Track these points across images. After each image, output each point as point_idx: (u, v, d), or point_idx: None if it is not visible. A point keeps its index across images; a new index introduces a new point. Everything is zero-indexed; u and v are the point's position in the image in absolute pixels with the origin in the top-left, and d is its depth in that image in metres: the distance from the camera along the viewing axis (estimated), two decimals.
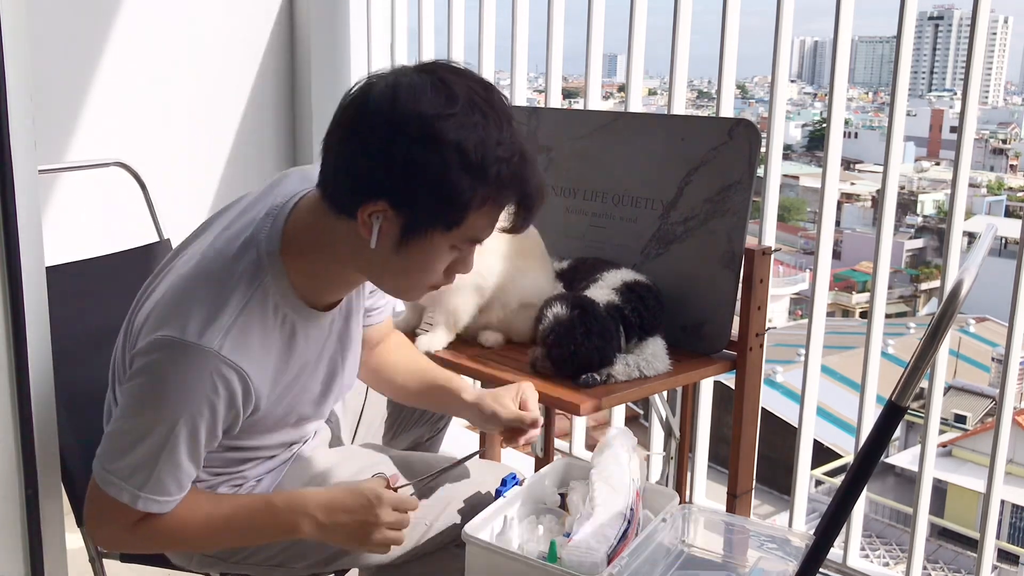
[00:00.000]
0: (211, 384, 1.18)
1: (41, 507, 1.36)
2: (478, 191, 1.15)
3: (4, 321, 1.28)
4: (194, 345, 1.17)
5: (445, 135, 1.12)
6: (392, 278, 1.26)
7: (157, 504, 1.23)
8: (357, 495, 1.28)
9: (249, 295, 1.22)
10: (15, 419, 1.31)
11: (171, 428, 1.19)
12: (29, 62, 1.27)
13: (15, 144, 1.24)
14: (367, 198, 1.15)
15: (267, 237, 1.25)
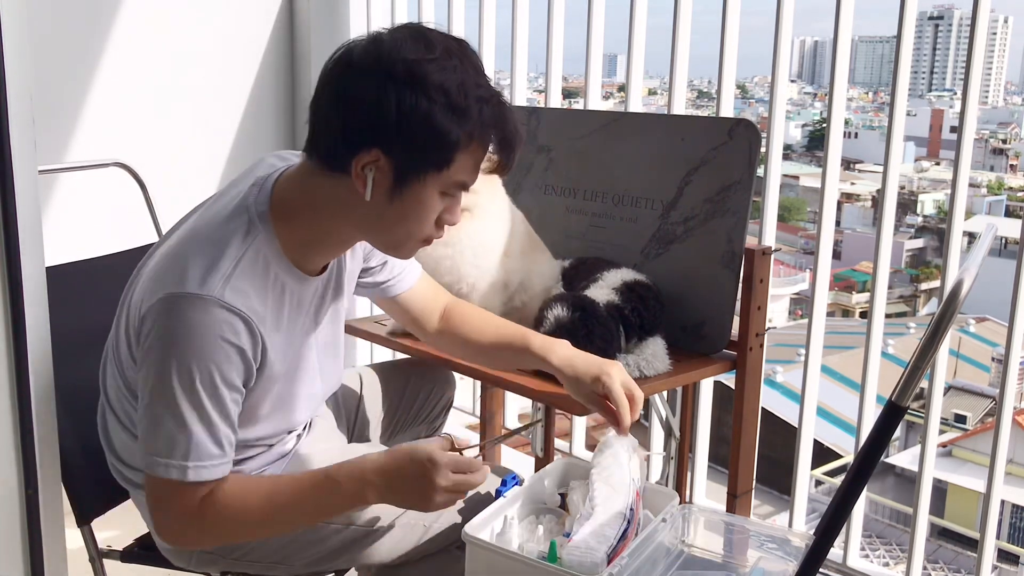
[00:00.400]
0: (219, 330, 1.20)
1: (41, 507, 1.36)
2: (464, 130, 1.21)
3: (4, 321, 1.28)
4: (195, 295, 1.20)
5: (429, 77, 1.18)
6: (386, 231, 1.29)
7: (206, 469, 1.23)
8: (413, 461, 1.28)
9: (243, 250, 1.25)
10: (15, 419, 1.31)
11: (191, 385, 1.20)
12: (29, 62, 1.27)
13: (15, 144, 1.24)
14: (360, 148, 1.20)
15: (255, 201, 1.29)
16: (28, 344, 1.29)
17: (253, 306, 1.24)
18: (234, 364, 1.23)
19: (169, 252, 1.28)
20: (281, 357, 1.33)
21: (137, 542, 1.62)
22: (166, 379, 1.20)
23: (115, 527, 1.67)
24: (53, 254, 1.42)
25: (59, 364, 1.37)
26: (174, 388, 1.20)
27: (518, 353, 1.56)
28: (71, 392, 1.50)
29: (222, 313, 1.20)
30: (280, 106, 2.94)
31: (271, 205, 1.29)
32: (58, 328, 1.36)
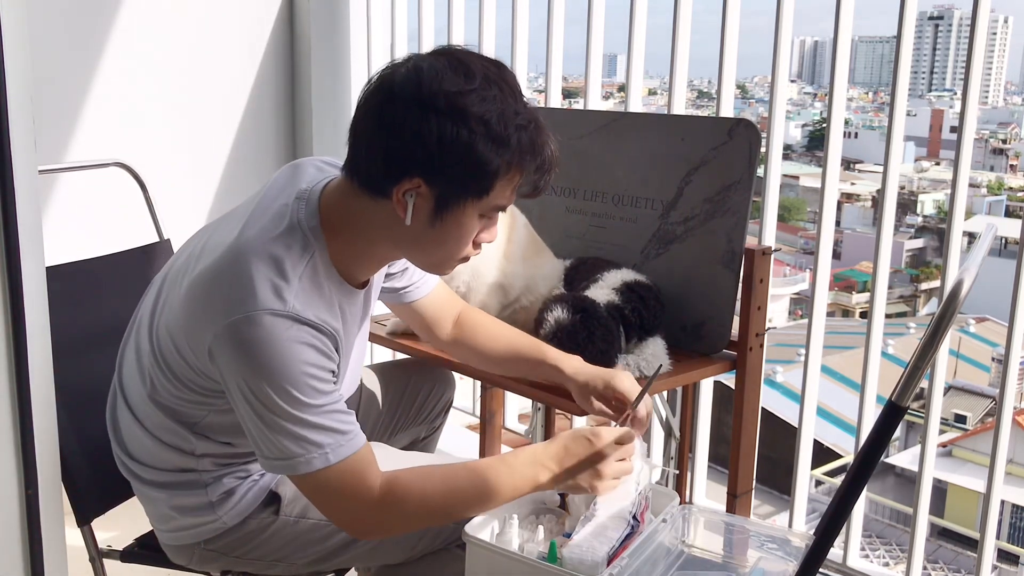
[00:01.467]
0: (298, 338, 1.22)
1: (41, 507, 1.36)
2: (503, 159, 1.24)
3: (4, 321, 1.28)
4: (270, 311, 1.21)
5: (470, 109, 1.21)
6: (426, 252, 1.33)
7: (345, 444, 1.25)
8: (579, 440, 1.35)
9: (303, 267, 1.27)
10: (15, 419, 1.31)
11: (289, 394, 1.21)
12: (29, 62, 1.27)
13: (15, 144, 1.24)
14: (401, 176, 1.23)
15: (306, 216, 1.30)
16: (28, 344, 1.29)
17: (321, 315, 1.26)
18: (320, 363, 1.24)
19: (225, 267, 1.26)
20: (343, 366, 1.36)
21: (137, 542, 1.62)
22: (266, 397, 1.21)
23: (115, 527, 1.67)
24: (53, 254, 1.42)
25: (59, 364, 1.37)
26: (277, 404, 1.21)
27: (532, 364, 1.61)
28: (71, 392, 1.50)
29: (298, 325, 1.22)
30: (280, 106, 2.94)
31: (320, 221, 1.31)
32: (58, 328, 1.36)
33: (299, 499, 1.47)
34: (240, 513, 1.44)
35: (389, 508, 1.29)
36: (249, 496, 1.45)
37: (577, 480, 1.36)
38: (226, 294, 1.23)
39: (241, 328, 1.21)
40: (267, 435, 1.24)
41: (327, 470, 1.24)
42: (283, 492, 1.46)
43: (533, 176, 1.31)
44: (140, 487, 1.48)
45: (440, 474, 1.33)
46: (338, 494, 1.27)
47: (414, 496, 1.30)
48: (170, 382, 1.35)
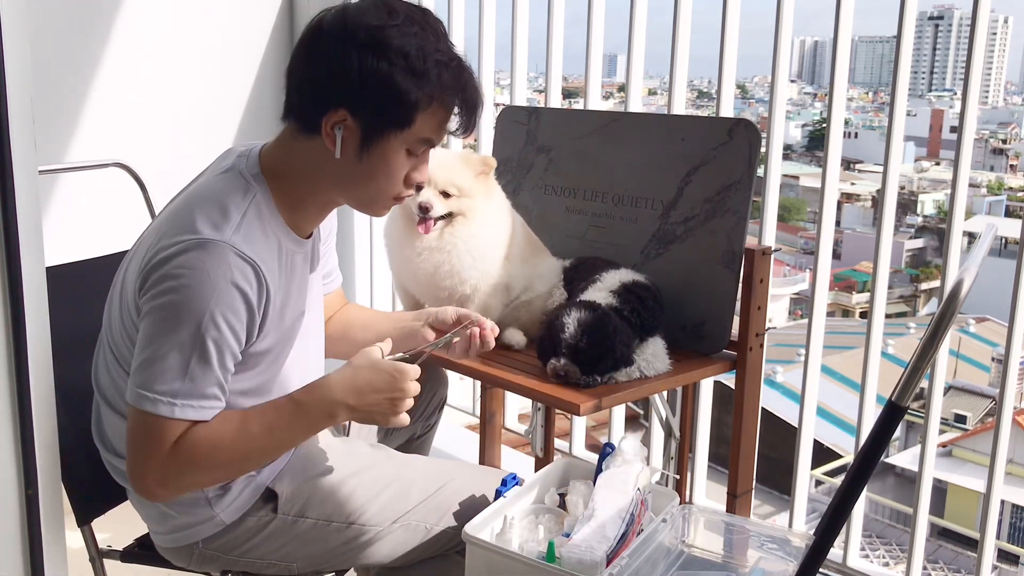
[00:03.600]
0: (230, 273, 1.25)
1: (41, 507, 1.36)
2: (423, 91, 1.30)
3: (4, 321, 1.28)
4: (210, 240, 1.25)
5: (390, 42, 1.28)
6: (359, 188, 1.38)
7: (193, 409, 1.27)
8: (381, 372, 1.33)
9: (246, 205, 1.32)
10: (15, 419, 1.31)
11: (199, 324, 1.24)
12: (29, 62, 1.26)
13: (15, 144, 1.24)
14: (328, 107, 1.30)
15: (247, 166, 1.37)
16: (28, 344, 1.29)
17: (261, 256, 1.30)
18: (240, 312, 1.28)
19: (170, 216, 1.33)
20: (281, 314, 1.37)
21: (137, 542, 1.62)
22: (174, 318, 1.24)
23: (115, 527, 1.67)
24: (53, 254, 1.42)
25: (59, 364, 1.37)
26: (183, 327, 1.24)
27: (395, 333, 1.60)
28: (71, 392, 1.50)
29: (234, 259, 1.26)
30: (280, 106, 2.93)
31: (261, 169, 1.37)
32: (58, 328, 1.36)
33: (297, 497, 1.47)
34: (238, 510, 1.44)
35: (178, 463, 1.28)
36: (246, 492, 1.45)
37: (373, 415, 1.34)
38: (170, 230, 1.28)
39: (177, 254, 1.25)
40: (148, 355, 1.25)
41: (160, 421, 1.26)
42: (280, 490, 1.46)
43: (458, 113, 1.36)
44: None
45: (236, 425, 1.32)
46: (150, 442, 1.27)
47: (203, 446, 1.29)
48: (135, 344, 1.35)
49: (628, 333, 1.65)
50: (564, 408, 1.65)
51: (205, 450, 1.29)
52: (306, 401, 1.33)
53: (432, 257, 1.75)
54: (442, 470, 1.59)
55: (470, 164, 1.78)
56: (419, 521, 1.51)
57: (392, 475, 1.54)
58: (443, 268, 1.76)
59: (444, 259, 1.75)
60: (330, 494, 1.48)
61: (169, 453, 1.28)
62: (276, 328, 1.37)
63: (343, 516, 1.48)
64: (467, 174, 1.75)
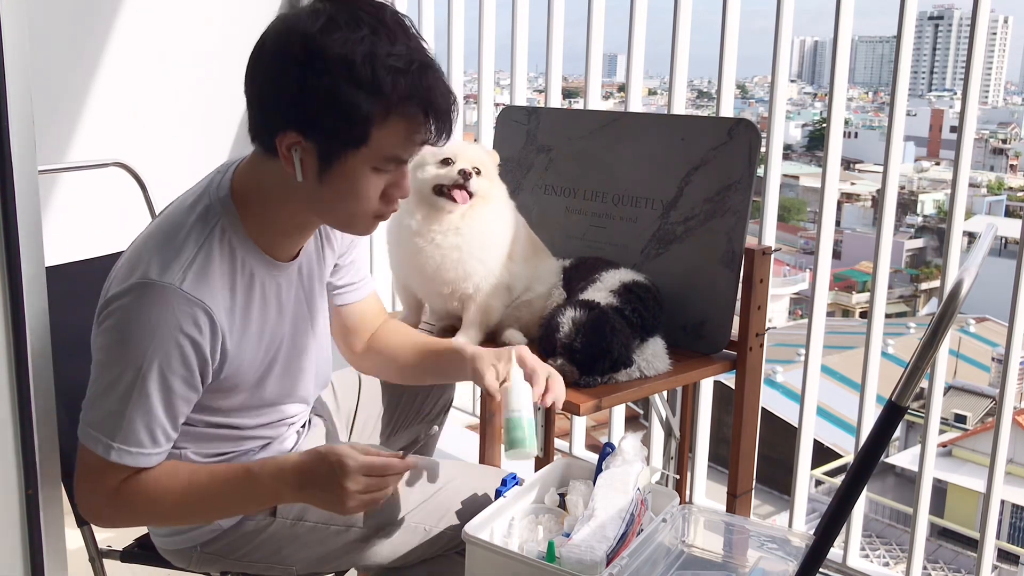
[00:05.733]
0: (175, 320, 1.19)
1: (41, 507, 1.35)
2: (375, 105, 1.15)
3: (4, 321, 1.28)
4: (155, 283, 1.19)
5: (330, 51, 1.14)
6: (330, 210, 1.27)
7: (130, 456, 1.24)
8: (325, 462, 1.23)
9: (205, 235, 1.25)
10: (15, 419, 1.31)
11: (138, 370, 1.20)
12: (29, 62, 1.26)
13: (15, 144, 1.24)
14: (279, 129, 1.18)
15: (216, 188, 1.29)
16: (28, 344, 1.29)
17: (215, 294, 1.24)
18: (188, 358, 1.22)
19: (133, 247, 1.30)
20: (255, 344, 1.33)
21: (137, 542, 1.62)
22: (117, 360, 1.21)
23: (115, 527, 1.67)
24: (53, 254, 1.42)
25: (59, 364, 1.37)
26: (123, 371, 1.21)
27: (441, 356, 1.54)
28: (71, 392, 1.50)
29: (180, 303, 1.20)
30: None
31: (231, 191, 1.29)
32: (58, 328, 1.36)
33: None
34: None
35: (119, 503, 1.27)
36: None
37: (318, 502, 1.27)
38: (124, 268, 1.25)
39: (124, 295, 1.21)
40: (92, 393, 1.24)
41: (100, 459, 1.24)
42: None
43: (426, 123, 1.20)
44: None
45: (184, 479, 1.28)
46: (91, 478, 1.27)
47: (143, 498, 1.27)
48: None
49: (626, 333, 1.65)
50: (564, 408, 1.65)
51: (147, 500, 1.27)
52: (258, 475, 1.27)
53: (445, 240, 1.74)
54: (442, 471, 1.59)
55: (490, 153, 1.81)
56: (419, 522, 1.51)
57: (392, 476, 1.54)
58: (452, 255, 1.75)
59: (456, 243, 1.74)
60: None
61: (111, 492, 1.26)
62: (250, 356, 1.33)
63: (342, 519, 1.47)
64: (489, 160, 1.78)
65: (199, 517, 1.36)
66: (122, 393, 1.22)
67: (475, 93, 2.85)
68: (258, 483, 1.27)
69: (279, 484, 1.26)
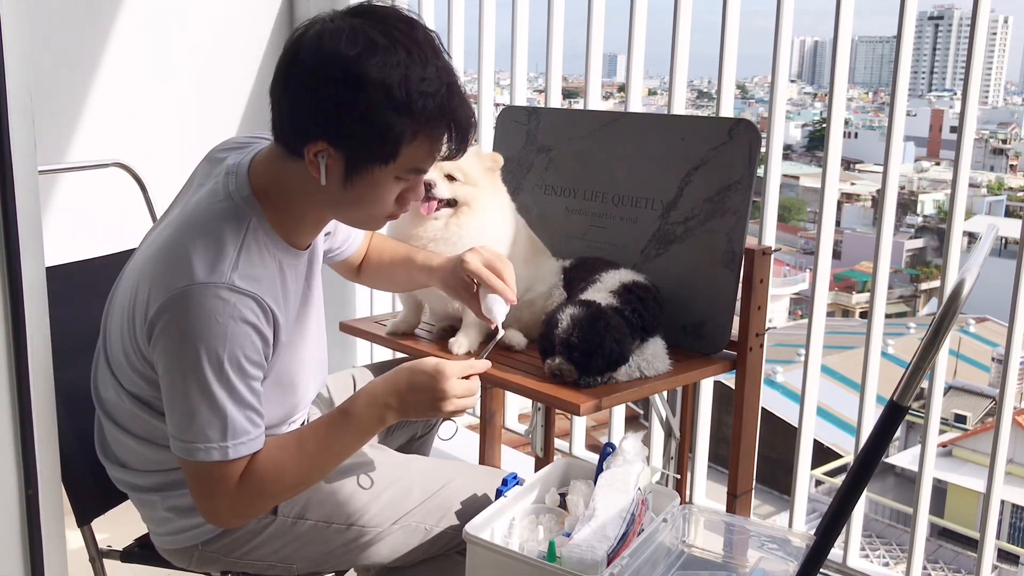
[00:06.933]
0: (234, 311, 1.24)
1: (41, 507, 1.36)
2: (407, 126, 1.23)
3: (4, 321, 1.28)
4: (207, 284, 1.23)
5: (369, 75, 1.20)
6: (348, 211, 1.34)
7: (244, 445, 1.28)
8: (420, 374, 1.32)
9: (242, 234, 1.29)
10: (15, 419, 1.31)
11: (219, 369, 1.23)
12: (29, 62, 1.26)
13: (15, 144, 1.24)
14: (309, 138, 1.24)
15: (237, 188, 1.33)
16: (28, 344, 1.29)
17: (263, 287, 1.28)
18: (255, 343, 1.27)
19: (164, 250, 1.29)
20: (287, 331, 1.37)
21: (137, 542, 1.62)
22: (194, 368, 1.23)
23: (115, 527, 1.67)
24: (53, 254, 1.42)
25: (59, 364, 1.37)
26: (205, 375, 1.23)
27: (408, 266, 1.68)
28: (71, 392, 1.50)
29: (237, 297, 1.24)
30: None
31: (252, 190, 1.33)
32: (58, 328, 1.36)
33: (297, 500, 1.46)
34: None
35: (249, 494, 1.30)
36: None
37: (419, 413, 1.36)
38: (165, 274, 1.26)
39: (178, 302, 1.23)
40: (182, 412, 1.26)
41: (218, 465, 1.27)
42: None
43: (449, 140, 1.29)
44: (137, 495, 1.48)
45: (293, 444, 1.33)
46: (215, 488, 1.29)
47: (269, 475, 1.30)
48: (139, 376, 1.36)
49: (622, 331, 1.65)
50: (564, 408, 1.65)
51: (271, 478, 1.31)
52: (354, 410, 1.34)
53: (437, 248, 1.74)
54: (442, 471, 1.59)
55: (480, 157, 1.78)
56: (419, 522, 1.51)
57: (392, 476, 1.54)
58: None
59: (448, 251, 1.74)
60: (330, 496, 1.48)
61: (236, 490, 1.29)
62: (286, 344, 1.37)
63: (343, 517, 1.48)
64: (476, 164, 1.75)
65: (322, 470, 1.39)
66: (214, 397, 1.24)
67: (475, 93, 2.85)
68: (358, 418, 1.33)
69: (379, 410, 1.33)
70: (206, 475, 1.28)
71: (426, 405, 1.33)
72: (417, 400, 1.33)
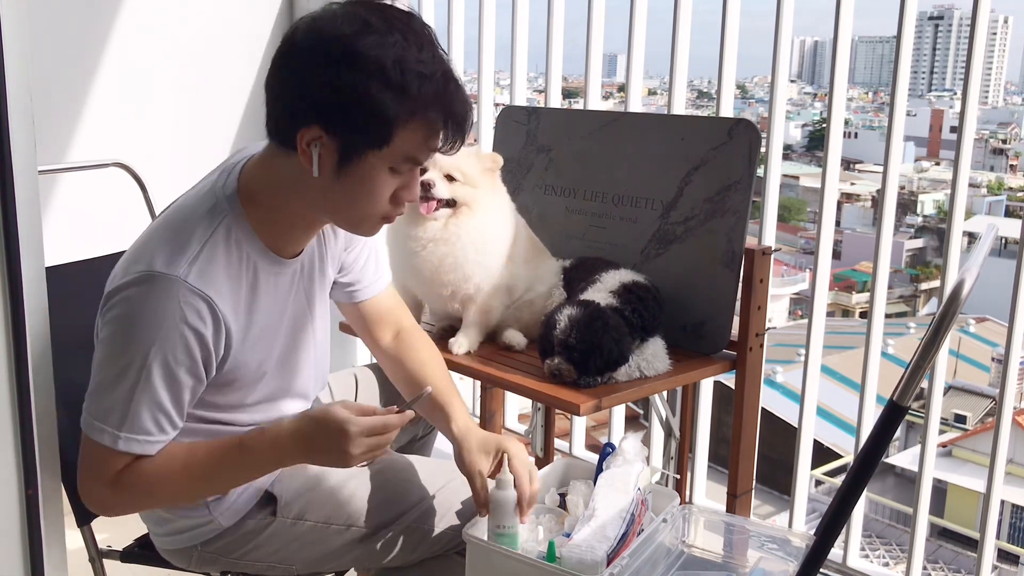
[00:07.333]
0: (180, 312, 1.22)
1: (41, 507, 1.36)
2: (402, 107, 1.20)
3: (4, 321, 1.28)
4: (160, 275, 1.22)
5: (364, 53, 1.18)
6: (341, 209, 1.30)
7: (137, 443, 1.26)
8: (322, 429, 1.26)
9: (211, 230, 1.27)
10: (15, 419, 1.31)
11: (144, 359, 1.22)
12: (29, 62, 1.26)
13: (15, 144, 1.24)
14: (302, 124, 1.21)
15: (223, 185, 1.32)
16: (28, 344, 1.29)
17: (220, 289, 1.26)
18: (192, 349, 1.24)
19: (139, 241, 1.32)
20: (257, 339, 1.34)
21: (137, 542, 1.62)
22: (122, 351, 1.23)
23: (115, 527, 1.67)
24: (53, 254, 1.42)
25: (59, 364, 1.37)
26: (129, 361, 1.23)
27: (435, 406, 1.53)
28: (71, 392, 1.50)
29: (185, 295, 1.22)
30: None
31: (239, 188, 1.32)
32: (58, 328, 1.36)
33: (296, 501, 1.46)
34: (236, 513, 1.44)
35: (122, 490, 1.29)
36: (245, 496, 1.45)
37: (321, 463, 1.35)
38: (130, 260, 1.27)
39: (130, 286, 1.23)
40: (97, 386, 1.26)
41: (105, 449, 1.26)
42: (279, 493, 1.46)
43: (444, 129, 1.25)
44: None
45: (182, 460, 1.30)
46: (95, 468, 1.29)
47: (144, 482, 1.29)
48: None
49: (621, 331, 1.65)
50: (564, 408, 1.65)
51: (146, 484, 1.29)
52: (255, 448, 1.30)
53: (437, 249, 1.74)
54: (442, 471, 1.59)
55: (479, 157, 1.78)
56: (419, 522, 1.51)
57: (392, 476, 1.54)
58: (447, 261, 1.75)
59: (448, 251, 1.74)
60: (329, 496, 1.48)
61: (112, 481, 1.28)
62: (251, 351, 1.34)
63: (343, 518, 1.48)
64: (475, 164, 1.75)
65: (200, 494, 1.38)
66: (128, 383, 1.24)
67: (475, 93, 2.85)
68: (256, 454, 1.30)
69: (278, 453, 1.30)
70: (93, 453, 1.28)
71: (330, 460, 1.30)
72: (320, 455, 1.29)
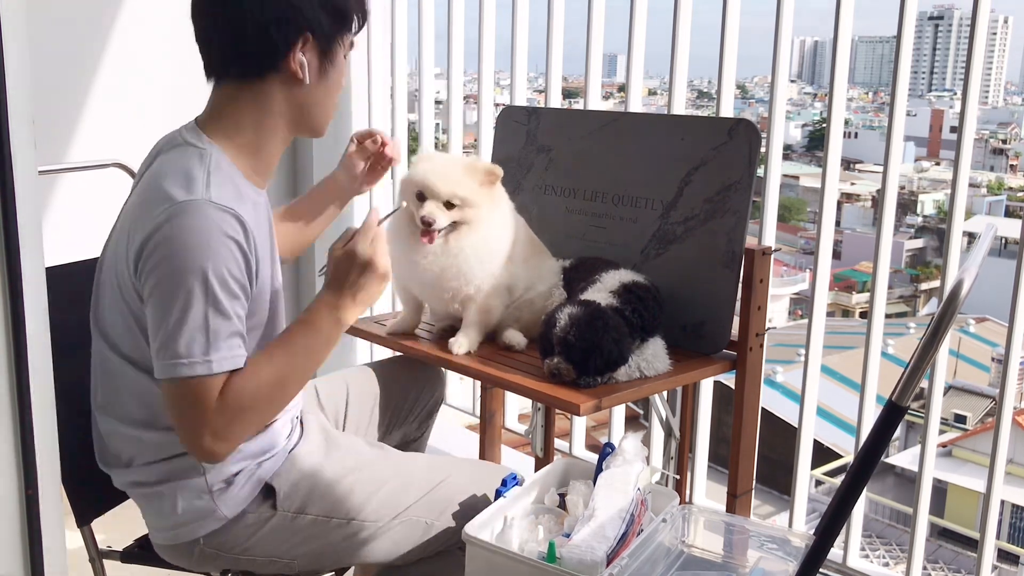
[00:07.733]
0: (218, 227, 1.27)
1: (41, 507, 1.36)
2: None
3: (4, 321, 1.28)
4: (186, 202, 1.28)
5: None
6: (318, 111, 1.44)
7: (228, 360, 1.29)
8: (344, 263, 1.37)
9: (206, 163, 1.34)
10: (15, 419, 1.31)
11: (204, 281, 1.26)
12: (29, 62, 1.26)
13: (15, 144, 1.24)
14: (294, 36, 1.35)
15: (190, 133, 1.40)
16: (28, 344, 1.29)
17: (237, 204, 1.31)
18: (237, 260, 1.30)
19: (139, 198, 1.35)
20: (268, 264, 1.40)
21: (137, 542, 1.62)
22: (180, 284, 1.26)
23: (115, 527, 1.67)
24: (53, 254, 1.42)
25: (59, 364, 1.37)
26: (190, 289, 1.26)
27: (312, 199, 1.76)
28: (71, 392, 1.50)
29: (216, 212, 1.28)
30: None
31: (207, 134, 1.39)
32: (58, 328, 1.36)
33: (296, 493, 1.47)
34: (238, 504, 1.45)
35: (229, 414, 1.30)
36: (247, 485, 1.45)
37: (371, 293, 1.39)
38: (144, 210, 1.30)
39: (162, 226, 1.27)
40: (167, 331, 1.27)
41: (201, 381, 1.27)
42: (278, 485, 1.47)
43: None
44: (142, 491, 1.47)
45: (264, 360, 1.35)
46: (196, 407, 1.29)
47: (248, 393, 1.31)
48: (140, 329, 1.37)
49: (621, 330, 1.65)
50: (564, 408, 1.65)
51: (249, 394, 1.32)
52: (315, 319, 1.37)
53: (438, 261, 1.74)
54: (441, 466, 1.60)
55: (474, 173, 1.73)
56: (419, 516, 1.51)
57: (391, 471, 1.54)
58: (449, 271, 1.75)
59: (451, 263, 1.74)
60: (329, 490, 1.49)
61: (217, 409, 1.30)
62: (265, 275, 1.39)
63: (343, 512, 1.48)
64: (470, 184, 1.71)
65: (295, 386, 1.41)
66: (198, 310, 1.27)
67: (475, 93, 2.85)
68: (319, 324, 1.37)
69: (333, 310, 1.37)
70: (188, 395, 1.29)
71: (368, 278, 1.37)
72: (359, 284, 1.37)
